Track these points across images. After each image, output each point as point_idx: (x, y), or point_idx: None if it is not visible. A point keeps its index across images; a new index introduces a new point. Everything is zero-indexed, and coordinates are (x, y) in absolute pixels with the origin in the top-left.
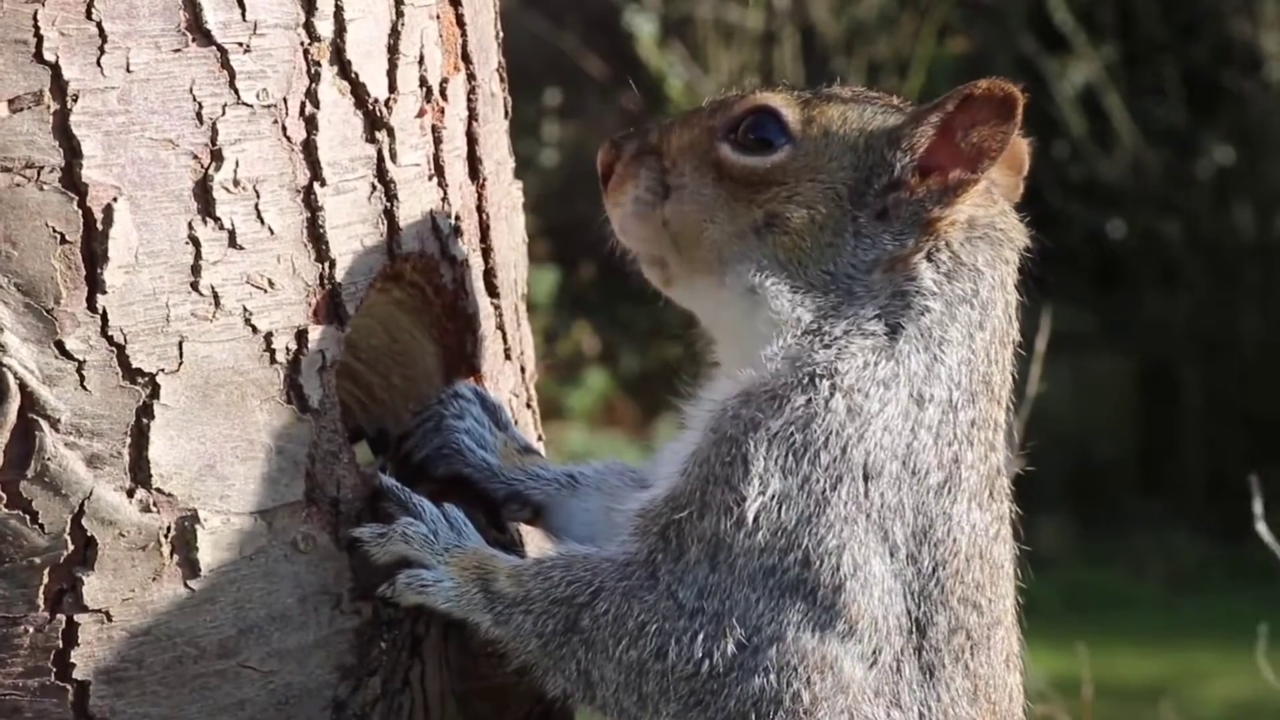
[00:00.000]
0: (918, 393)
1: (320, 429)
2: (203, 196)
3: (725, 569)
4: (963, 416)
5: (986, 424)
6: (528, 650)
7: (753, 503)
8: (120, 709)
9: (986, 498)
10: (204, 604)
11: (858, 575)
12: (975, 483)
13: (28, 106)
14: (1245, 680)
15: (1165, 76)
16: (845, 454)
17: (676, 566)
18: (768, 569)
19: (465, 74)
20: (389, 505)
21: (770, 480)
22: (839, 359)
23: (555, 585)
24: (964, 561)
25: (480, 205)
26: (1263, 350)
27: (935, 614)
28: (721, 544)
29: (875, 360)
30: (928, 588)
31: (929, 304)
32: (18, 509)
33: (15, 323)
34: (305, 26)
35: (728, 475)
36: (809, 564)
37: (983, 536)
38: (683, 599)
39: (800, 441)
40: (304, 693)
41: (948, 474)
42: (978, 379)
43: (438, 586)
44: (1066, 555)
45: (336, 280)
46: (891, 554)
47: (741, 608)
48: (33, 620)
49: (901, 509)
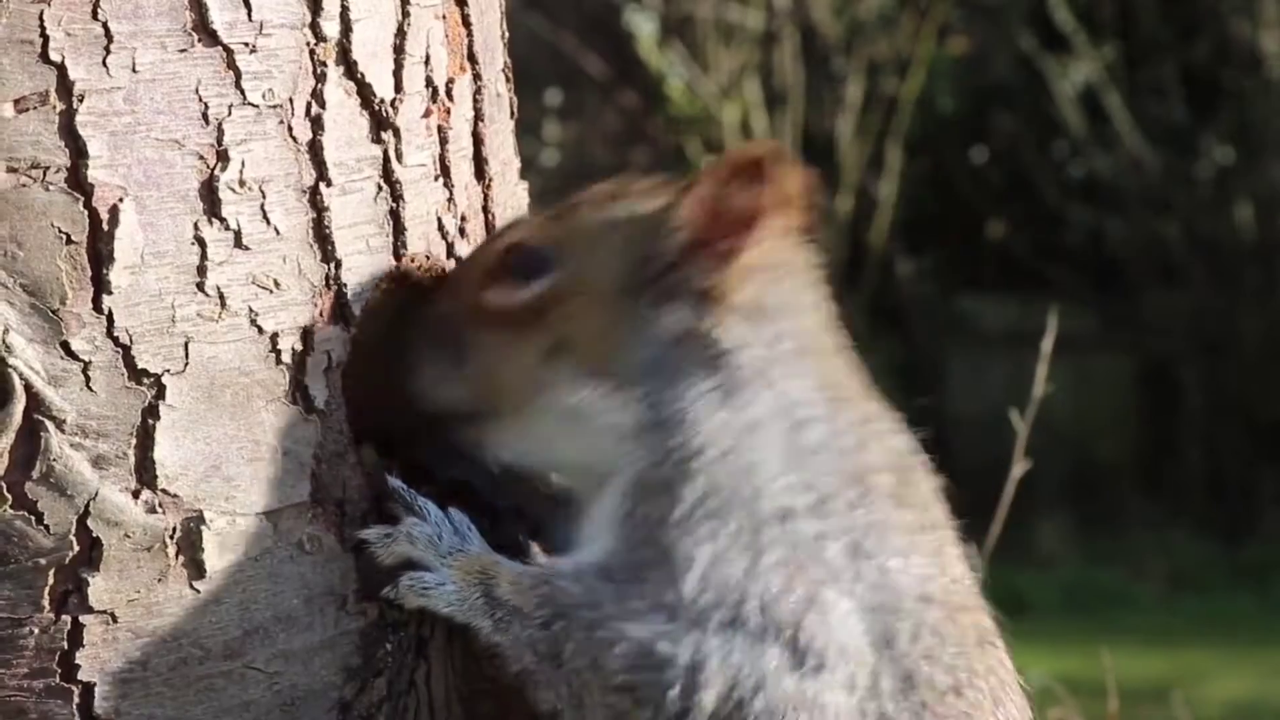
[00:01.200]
0: (788, 423)
1: (326, 430)
2: (208, 197)
3: (685, 630)
4: (844, 424)
5: (868, 420)
6: (523, 661)
7: (684, 579)
8: (125, 710)
9: (906, 489)
10: (209, 605)
11: (812, 608)
12: (889, 482)
13: (34, 107)
14: (1245, 680)
15: (1165, 76)
16: (753, 512)
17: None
18: (729, 621)
19: (471, 74)
20: (394, 506)
21: (696, 555)
22: (695, 435)
23: (552, 600)
24: (903, 560)
25: (486, 206)
26: (1263, 350)
27: (896, 622)
28: (676, 609)
29: (727, 417)
30: (881, 599)
31: (741, 359)
32: (23, 510)
33: (21, 323)
34: (311, 27)
35: (657, 564)
36: (766, 608)
37: (915, 533)
38: (658, 648)
39: (708, 513)
40: (309, 694)
41: (857, 485)
42: (832, 392)
43: (440, 590)
44: (1066, 555)
45: (342, 281)
46: (836, 577)
47: (716, 659)
48: (38, 621)
49: (828, 534)
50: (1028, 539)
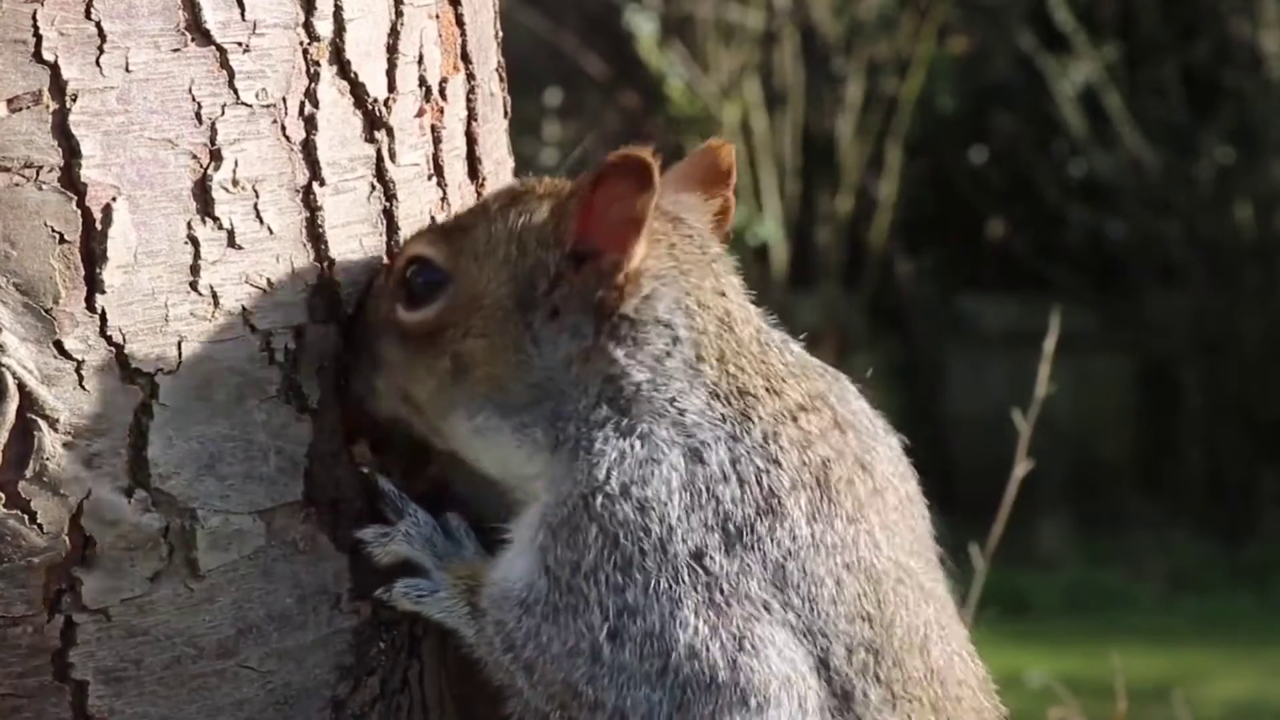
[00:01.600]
0: (687, 449)
1: (319, 429)
2: (202, 196)
3: (608, 677)
4: (750, 442)
5: (780, 429)
6: (497, 677)
7: (600, 629)
8: (119, 709)
9: (826, 505)
10: (203, 604)
11: (744, 646)
12: (805, 502)
13: (27, 106)
14: (1245, 680)
15: (1165, 76)
16: (665, 550)
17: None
18: (658, 670)
19: (464, 74)
20: (385, 509)
21: (609, 604)
22: (595, 467)
23: (504, 625)
24: (833, 584)
25: None
26: (1263, 350)
27: (830, 643)
28: (596, 656)
29: (626, 447)
30: (812, 624)
31: (635, 377)
32: (16, 509)
33: (14, 322)
34: (304, 26)
35: (572, 611)
36: (695, 655)
37: (841, 550)
38: (585, 691)
39: (619, 561)
40: (302, 692)
41: (771, 510)
42: (735, 400)
43: (433, 597)
44: (1066, 555)
45: (335, 280)
46: (766, 608)
47: (644, 708)
48: (31, 620)
49: (748, 568)
50: (1028, 539)
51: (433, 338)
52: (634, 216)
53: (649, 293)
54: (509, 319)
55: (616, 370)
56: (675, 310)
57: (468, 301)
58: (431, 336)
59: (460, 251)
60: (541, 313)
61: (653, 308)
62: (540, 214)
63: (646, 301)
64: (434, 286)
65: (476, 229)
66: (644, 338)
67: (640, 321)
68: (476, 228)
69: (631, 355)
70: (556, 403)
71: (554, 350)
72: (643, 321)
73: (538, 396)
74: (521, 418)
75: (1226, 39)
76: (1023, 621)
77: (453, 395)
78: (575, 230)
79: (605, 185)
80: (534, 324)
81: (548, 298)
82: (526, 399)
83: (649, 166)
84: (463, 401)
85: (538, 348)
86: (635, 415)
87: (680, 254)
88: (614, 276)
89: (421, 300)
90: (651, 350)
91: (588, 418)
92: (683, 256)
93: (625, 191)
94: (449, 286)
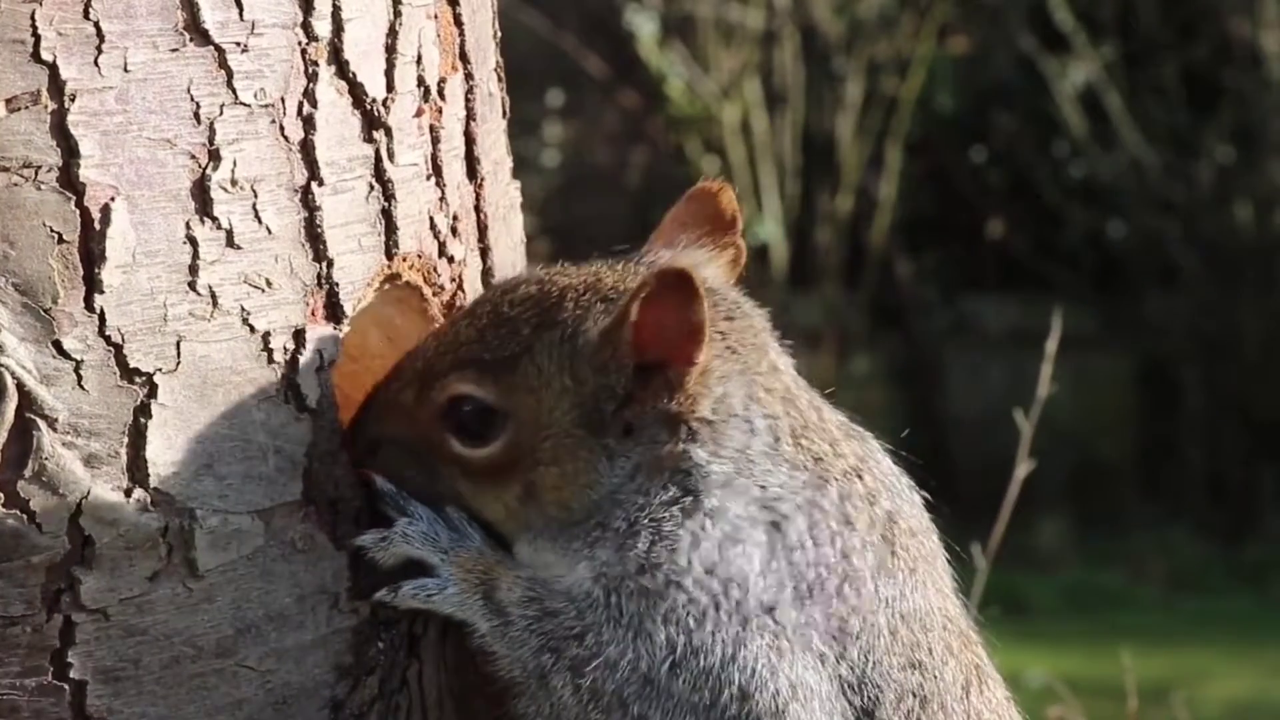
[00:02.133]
0: (769, 524)
1: (318, 429)
2: (200, 196)
3: (656, 700)
4: (828, 504)
5: (851, 488)
6: (513, 673)
7: (664, 660)
8: (118, 708)
9: (890, 559)
10: (202, 603)
11: (797, 695)
12: (872, 560)
13: (25, 106)
14: (1245, 680)
15: (1165, 76)
16: (740, 608)
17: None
18: (707, 705)
19: (463, 74)
20: (385, 508)
21: (678, 641)
22: (674, 554)
23: (546, 621)
24: (889, 636)
25: (478, 205)
26: (1263, 350)
27: (881, 694)
28: (650, 680)
29: (700, 528)
30: (866, 674)
31: (713, 468)
32: (15, 508)
33: (13, 322)
34: (303, 26)
35: (635, 633)
36: (747, 697)
37: (898, 602)
38: (635, 709)
39: (695, 613)
40: (301, 692)
41: (842, 572)
42: (812, 465)
43: (443, 594)
44: (1066, 555)
45: (334, 280)
46: (821, 661)
47: None
48: (30, 620)
49: (813, 621)
50: (1028, 539)
51: (500, 470)
52: (692, 327)
53: (721, 393)
54: (581, 444)
55: (690, 465)
56: (750, 404)
57: (532, 433)
58: (498, 470)
59: (513, 388)
60: (615, 432)
61: (728, 407)
62: (586, 337)
63: (721, 402)
64: (490, 423)
65: (520, 363)
66: (723, 436)
67: (718, 422)
68: (520, 361)
69: (714, 454)
70: (605, 515)
71: (626, 462)
72: (720, 421)
73: (590, 513)
74: (566, 536)
75: (1226, 39)
76: (1023, 621)
77: (522, 518)
78: (632, 352)
79: (653, 303)
80: (609, 444)
81: (618, 417)
82: (580, 516)
83: (690, 278)
84: (531, 522)
85: (611, 464)
86: (705, 493)
87: (736, 343)
88: (685, 385)
89: (481, 437)
90: (732, 445)
91: (650, 504)
92: (739, 345)
93: (675, 305)
94: (508, 422)
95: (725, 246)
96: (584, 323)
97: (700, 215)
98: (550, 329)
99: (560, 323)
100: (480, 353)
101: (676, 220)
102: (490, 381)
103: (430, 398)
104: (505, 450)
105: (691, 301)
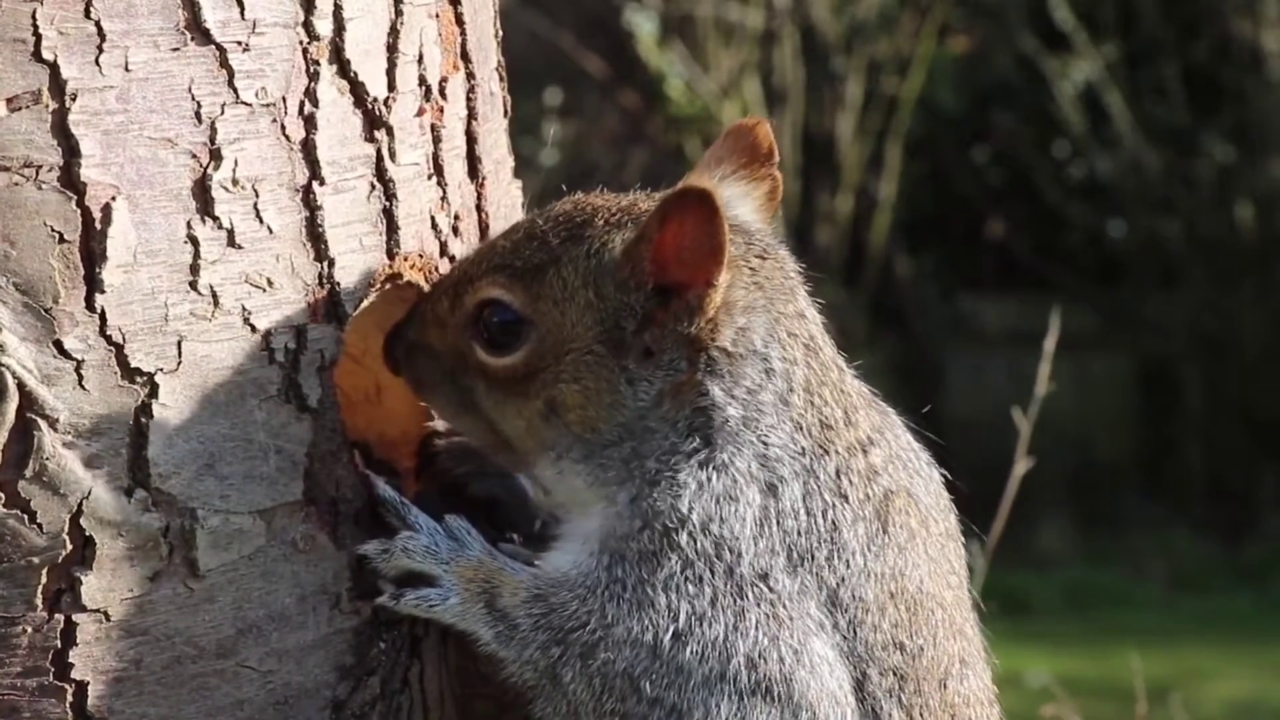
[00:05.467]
0: (765, 485)
1: (319, 428)
2: (201, 195)
3: (668, 676)
4: (824, 477)
5: (851, 463)
6: (524, 677)
7: (666, 629)
8: (119, 709)
9: (880, 536)
10: (203, 604)
11: (801, 661)
12: (862, 534)
13: (26, 105)
14: (1245, 680)
15: (1166, 75)
16: (733, 571)
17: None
18: (718, 675)
19: (464, 73)
20: (387, 516)
21: (679, 608)
22: (678, 499)
23: (552, 616)
24: (877, 612)
25: (479, 204)
26: (1263, 350)
27: (867, 668)
28: (656, 652)
29: (707, 479)
30: (855, 648)
31: (728, 412)
32: (16, 509)
33: (14, 322)
34: (304, 25)
35: (639, 605)
36: (754, 665)
37: (888, 579)
38: (644, 687)
39: (691, 577)
40: (302, 692)
41: (831, 542)
42: (816, 432)
43: (445, 604)
44: (1066, 555)
45: (335, 279)
46: (821, 628)
47: (701, 711)
48: (31, 620)
49: (807, 589)
50: (1028, 539)
51: (522, 382)
52: (713, 246)
53: (744, 324)
54: (602, 363)
55: (708, 403)
56: (771, 342)
57: (554, 346)
58: (521, 380)
59: (538, 297)
60: (635, 354)
61: (749, 341)
62: (610, 253)
63: (742, 334)
64: (514, 331)
65: (547, 273)
66: (740, 371)
67: (736, 355)
68: (547, 271)
69: (728, 390)
70: (639, 441)
71: (649, 388)
72: (739, 355)
73: (622, 435)
74: (600, 459)
75: (1227, 38)
76: (1023, 621)
77: (543, 435)
78: (652, 270)
79: (673, 221)
80: (629, 366)
81: (638, 338)
82: (613, 438)
83: (711, 196)
84: (553, 441)
85: (633, 388)
86: (719, 447)
87: (764, 279)
88: (704, 309)
89: (505, 345)
90: (746, 384)
91: (675, 450)
92: (767, 283)
93: (695, 223)
94: (531, 331)
95: (761, 179)
96: (610, 240)
97: (736, 149)
98: (579, 243)
99: (588, 238)
100: (512, 260)
101: (714, 156)
102: (519, 289)
103: (462, 302)
104: (527, 360)
105: (712, 220)
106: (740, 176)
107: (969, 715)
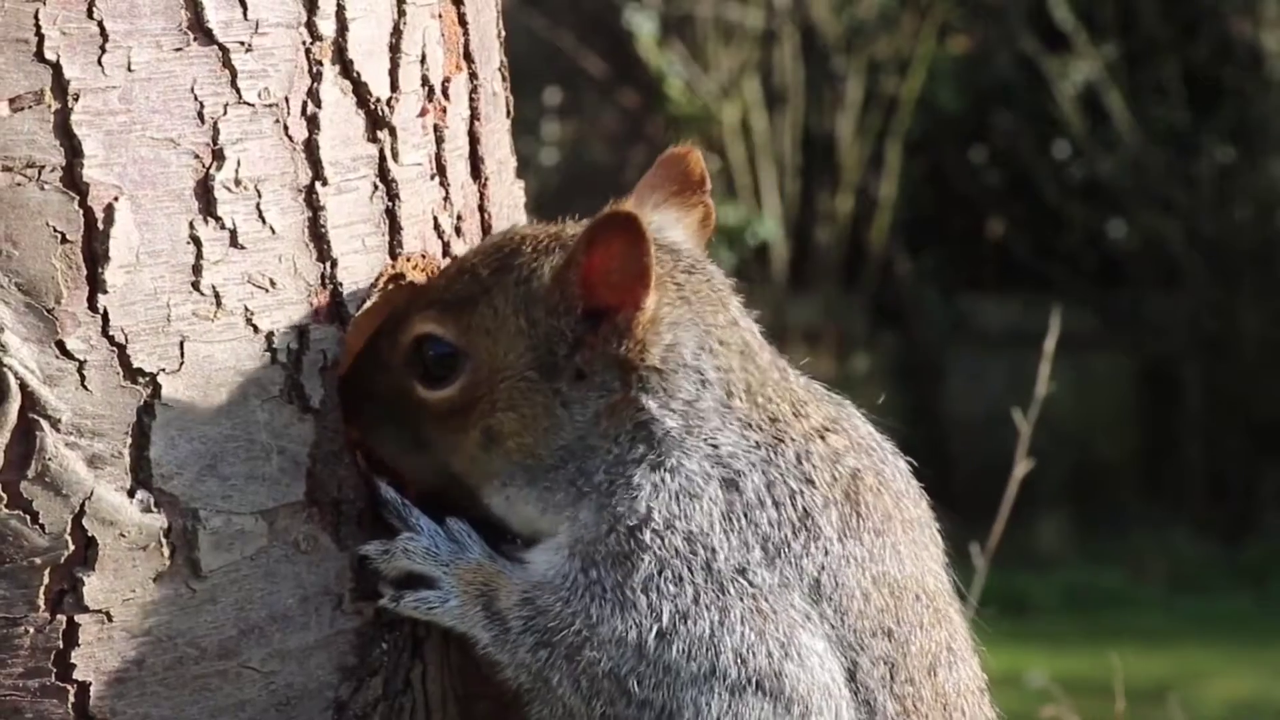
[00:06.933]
0: (723, 480)
1: (322, 429)
2: (204, 196)
3: (655, 676)
4: (784, 464)
5: (811, 447)
6: (519, 679)
7: (650, 629)
8: (120, 710)
9: (854, 519)
10: (205, 604)
11: (790, 654)
12: (836, 519)
13: (29, 106)
14: (1245, 680)
15: (1166, 75)
16: (710, 568)
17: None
18: (706, 672)
19: (467, 73)
20: (388, 516)
21: (662, 608)
22: (635, 500)
23: (540, 618)
24: (861, 598)
25: (482, 205)
26: (1263, 350)
27: (858, 657)
28: (642, 652)
29: (660, 480)
30: (843, 636)
31: (667, 424)
32: (18, 509)
33: (16, 322)
34: (307, 26)
35: (619, 606)
36: (743, 660)
37: (868, 564)
38: (632, 688)
39: (670, 576)
40: (305, 693)
41: (805, 529)
42: (767, 426)
43: (444, 606)
44: (1066, 555)
45: (338, 280)
46: (808, 618)
47: (691, 710)
48: (33, 621)
49: (788, 580)
50: (1028, 539)
51: (461, 414)
52: (639, 269)
53: (671, 341)
54: (535, 388)
55: (646, 417)
56: (702, 354)
57: (489, 375)
58: (459, 413)
59: (470, 328)
60: (568, 377)
61: (679, 355)
62: (539, 279)
63: (671, 350)
64: (449, 364)
65: (479, 303)
66: (673, 386)
67: (668, 371)
68: (478, 302)
69: (664, 405)
70: (582, 460)
71: (584, 410)
72: (670, 370)
73: (564, 458)
74: (545, 483)
75: (1227, 38)
76: (1022, 621)
77: (486, 466)
78: (581, 294)
79: (599, 245)
80: (563, 389)
81: (570, 361)
82: (555, 462)
83: (635, 219)
84: (496, 471)
85: (568, 410)
86: (665, 453)
87: (690, 293)
88: (633, 330)
89: (441, 378)
90: (683, 396)
91: (622, 459)
92: (693, 296)
93: (621, 246)
94: (466, 363)
95: (694, 206)
96: (539, 266)
97: (669, 177)
98: (508, 272)
99: (517, 266)
100: (443, 295)
101: (647, 184)
102: (451, 321)
103: (399, 341)
104: (464, 391)
105: (638, 243)
106: (673, 204)
107: (961, 705)
